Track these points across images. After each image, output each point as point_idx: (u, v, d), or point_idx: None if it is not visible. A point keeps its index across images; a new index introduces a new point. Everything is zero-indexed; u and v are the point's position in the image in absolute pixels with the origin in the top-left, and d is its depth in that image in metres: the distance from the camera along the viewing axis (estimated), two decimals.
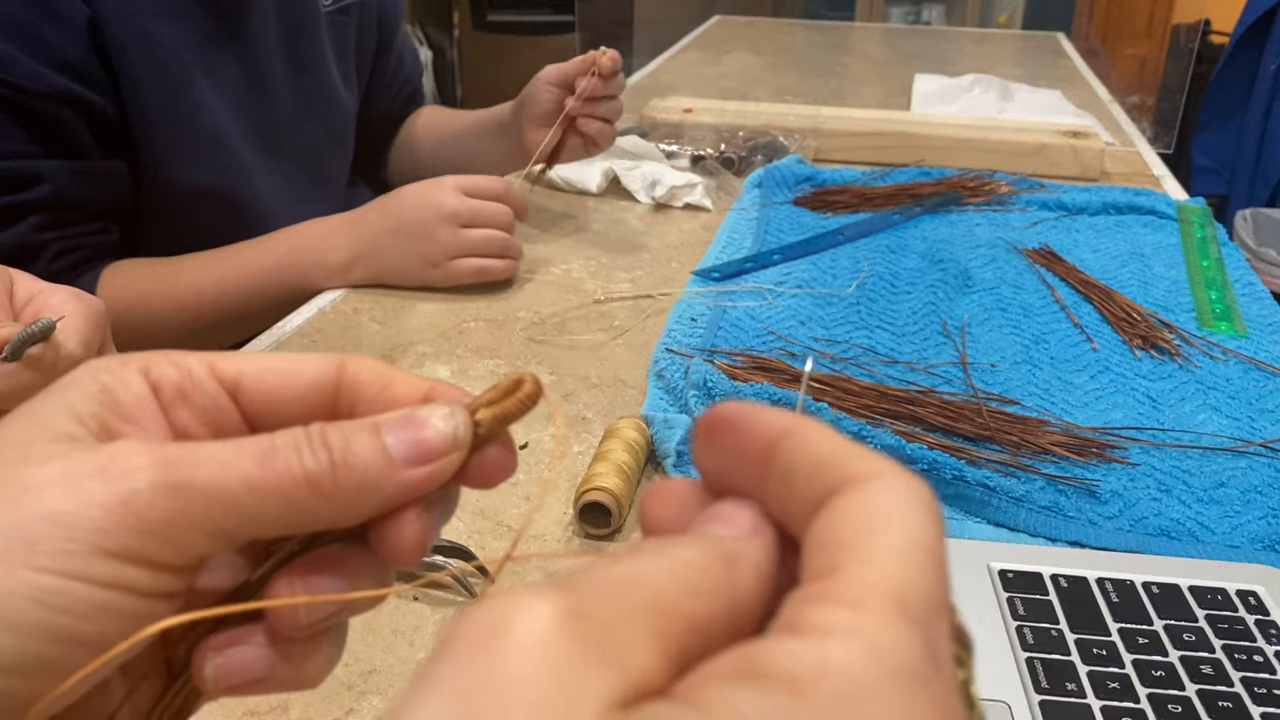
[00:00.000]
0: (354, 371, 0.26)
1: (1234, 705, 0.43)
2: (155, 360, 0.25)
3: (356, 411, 0.26)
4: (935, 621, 0.17)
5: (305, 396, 0.26)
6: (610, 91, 0.93)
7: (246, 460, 0.23)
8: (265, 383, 0.26)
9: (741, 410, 0.21)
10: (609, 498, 0.55)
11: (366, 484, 0.23)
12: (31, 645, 0.21)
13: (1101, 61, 1.97)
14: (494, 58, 3.33)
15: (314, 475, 0.23)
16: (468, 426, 0.25)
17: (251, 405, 0.26)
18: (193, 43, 0.84)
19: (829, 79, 1.78)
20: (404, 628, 0.49)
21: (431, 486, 0.24)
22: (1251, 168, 2.49)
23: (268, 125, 0.93)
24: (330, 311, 0.83)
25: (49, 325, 0.48)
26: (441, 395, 0.26)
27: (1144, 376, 0.72)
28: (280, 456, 0.23)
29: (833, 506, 0.19)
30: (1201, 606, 0.49)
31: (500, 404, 0.25)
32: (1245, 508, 0.58)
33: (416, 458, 0.24)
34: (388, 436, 0.24)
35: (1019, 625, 0.48)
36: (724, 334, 0.75)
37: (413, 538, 0.24)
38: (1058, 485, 0.59)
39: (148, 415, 0.24)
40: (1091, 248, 0.95)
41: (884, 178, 1.12)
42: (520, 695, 0.15)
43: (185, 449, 0.23)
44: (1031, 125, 1.25)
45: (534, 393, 0.25)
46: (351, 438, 0.23)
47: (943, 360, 0.74)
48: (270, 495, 0.22)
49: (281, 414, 0.26)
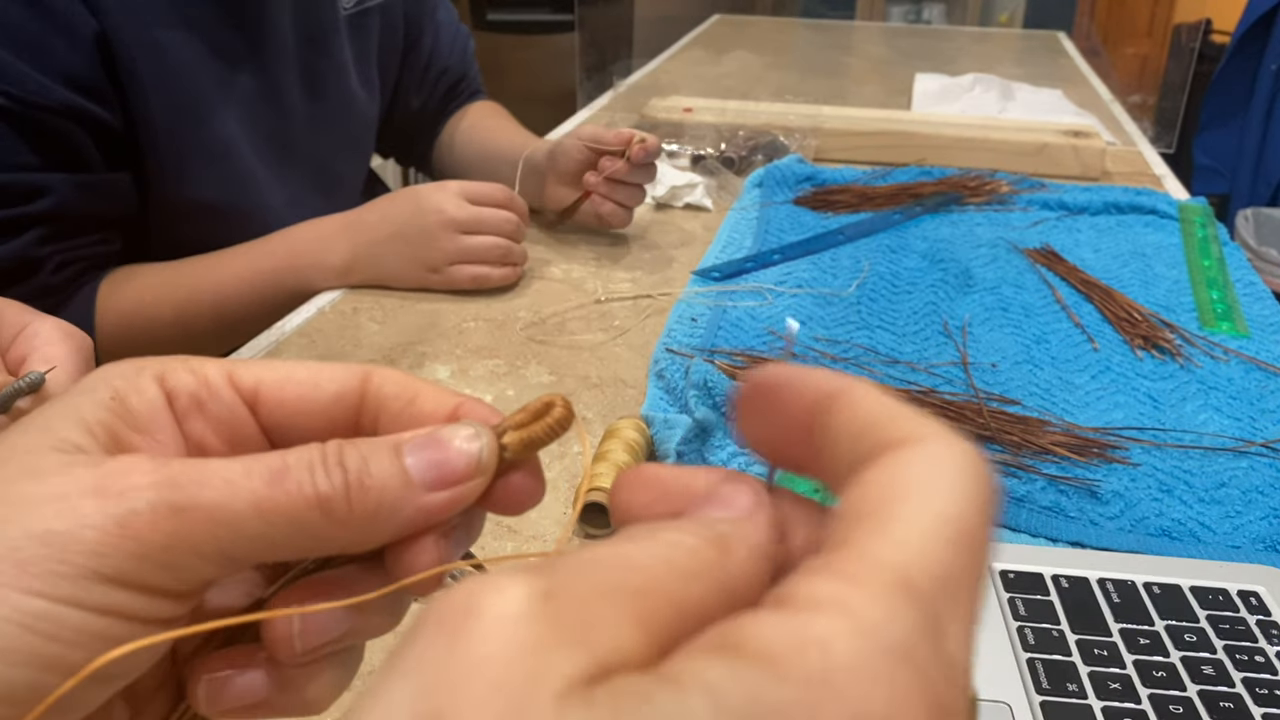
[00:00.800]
0: (379, 384, 0.25)
1: (1235, 706, 0.43)
2: (171, 367, 0.24)
3: (380, 426, 0.25)
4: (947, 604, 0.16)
5: (327, 409, 0.25)
6: (635, 179, 0.91)
7: (256, 480, 0.21)
8: (285, 393, 0.25)
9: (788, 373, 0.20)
10: (609, 498, 0.55)
11: (384, 508, 0.22)
12: (19, 673, 0.20)
13: (1103, 61, 1.96)
14: (494, 57, 3.33)
15: (327, 498, 0.22)
16: (493, 450, 0.24)
17: (271, 417, 0.25)
18: (206, 55, 0.83)
19: (829, 78, 1.78)
20: (404, 628, 0.49)
21: (452, 512, 0.23)
22: (1253, 167, 2.49)
23: (280, 136, 0.92)
24: (330, 311, 0.83)
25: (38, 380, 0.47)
26: (469, 413, 0.25)
27: (1145, 376, 0.72)
28: (292, 477, 0.21)
29: (865, 473, 0.18)
30: (1203, 607, 0.49)
31: (529, 427, 0.24)
32: (1247, 508, 0.58)
33: (438, 481, 0.23)
34: (409, 457, 0.23)
35: (1020, 626, 0.48)
36: (724, 334, 0.75)
37: (430, 565, 0.23)
38: (1059, 485, 0.59)
39: (161, 425, 0.23)
40: (1093, 247, 0.95)
41: (885, 177, 1.12)
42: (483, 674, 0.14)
43: (191, 467, 0.21)
44: (1032, 125, 1.25)
45: (565, 418, 0.24)
46: (370, 458, 0.22)
47: (944, 360, 0.73)
48: (279, 518, 0.21)
49: (302, 427, 0.25)
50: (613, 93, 1.58)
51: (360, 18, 0.99)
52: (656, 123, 1.26)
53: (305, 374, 0.25)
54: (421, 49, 1.11)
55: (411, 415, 0.25)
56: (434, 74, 1.13)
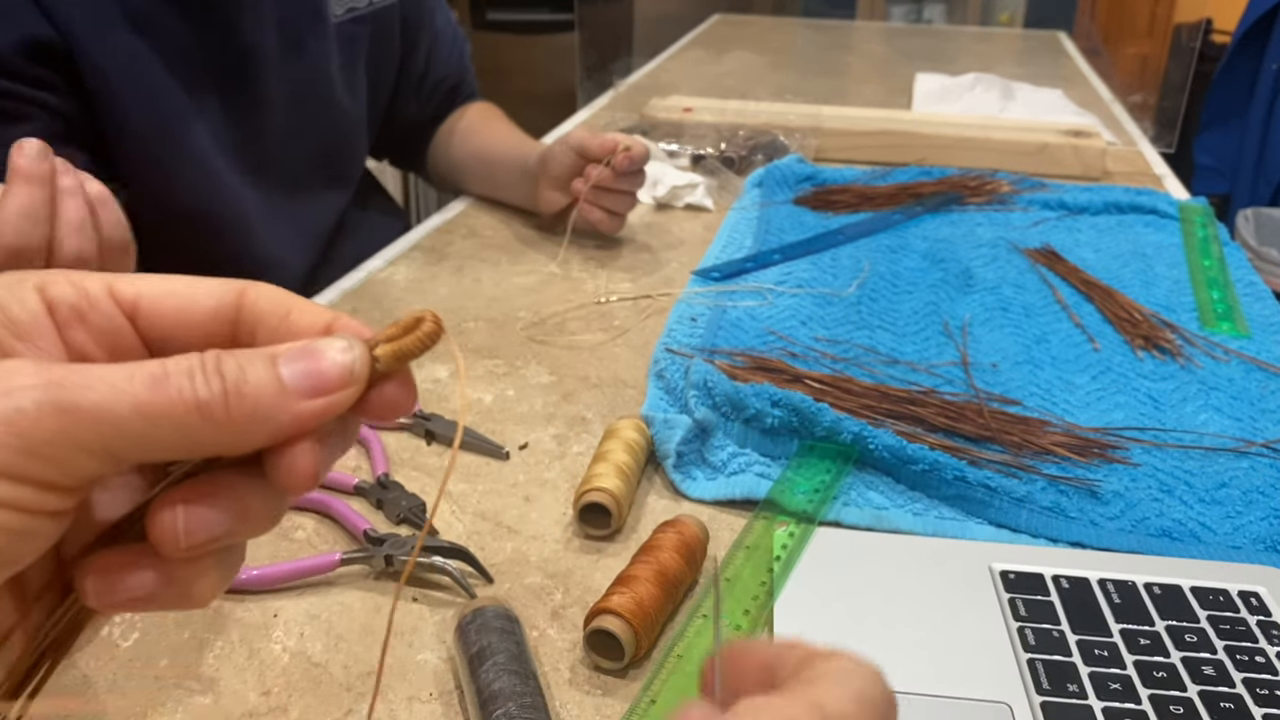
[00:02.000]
0: (254, 299, 0.26)
1: (1236, 706, 0.43)
2: (52, 279, 0.25)
3: (257, 340, 0.26)
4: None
5: (204, 323, 0.26)
6: (621, 186, 0.91)
7: (138, 384, 0.22)
8: (164, 306, 0.26)
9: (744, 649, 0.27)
10: (609, 498, 0.55)
11: (260, 413, 0.23)
12: None
13: (1103, 60, 1.96)
14: (494, 57, 3.33)
15: (206, 402, 0.23)
16: (365, 361, 0.25)
17: (150, 329, 0.26)
18: (178, 63, 0.81)
19: (830, 78, 1.78)
20: (403, 628, 0.49)
21: (326, 419, 0.24)
22: (1253, 167, 2.49)
23: (255, 141, 0.90)
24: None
25: None
26: (342, 328, 0.26)
27: (1146, 377, 0.72)
28: (173, 382, 0.23)
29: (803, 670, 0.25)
30: (1203, 607, 0.49)
31: (400, 340, 0.25)
32: (1247, 508, 0.58)
33: (312, 390, 0.24)
34: (284, 367, 0.24)
35: (1020, 626, 0.48)
36: (724, 334, 0.75)
37: (306, 468, 0.24)
38: (1059, 486, 0.59)
39: (42, 334, 0.24)
40: (1093, 247, 0.95)
41: (885, 177, 1.12)
42: None
43: (76, 370, 0.22)
44: (1033, 124, 1.25)
45: (434, 331, 0.26)
46: (246, 366, 0.23)
47: (944, 360, 0.73)
48: (161, 420, 0.22)
49: (180, 339, 0.26)
50: (612, 92, 1.58)
51: (350, 25, 0.98)
52: (656, 122, 1.26)
53: (183, 287, 0.26)
54: (419, 57, 1.10)
55: (287, 329, 0.26)
56: (431, 82, 1.12)
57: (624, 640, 0.46)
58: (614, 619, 0.46)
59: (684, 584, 0.50)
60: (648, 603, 0.47)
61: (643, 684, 0.45)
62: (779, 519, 0.55)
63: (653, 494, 0.60)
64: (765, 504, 0.56)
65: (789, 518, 0.55)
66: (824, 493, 0.57)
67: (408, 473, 0.61)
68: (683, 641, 0.47)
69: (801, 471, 0.59)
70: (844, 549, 0.53)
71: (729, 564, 0.52)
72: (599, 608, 0.47)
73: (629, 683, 0.46)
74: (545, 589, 0.52)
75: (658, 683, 0.44)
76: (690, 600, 0.51)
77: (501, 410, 0.68)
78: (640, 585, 0.47)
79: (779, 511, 0.56)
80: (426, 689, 0.46)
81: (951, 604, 0.49)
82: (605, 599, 0.47)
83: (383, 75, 1.06)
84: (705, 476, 0.60)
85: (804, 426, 0.61)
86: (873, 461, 0.60)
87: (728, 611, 0.49)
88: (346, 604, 0.51)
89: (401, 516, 0.57)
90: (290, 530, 0.57)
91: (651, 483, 0.61)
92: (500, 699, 0.42)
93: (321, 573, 0.52)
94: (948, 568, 0.52)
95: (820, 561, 0.52)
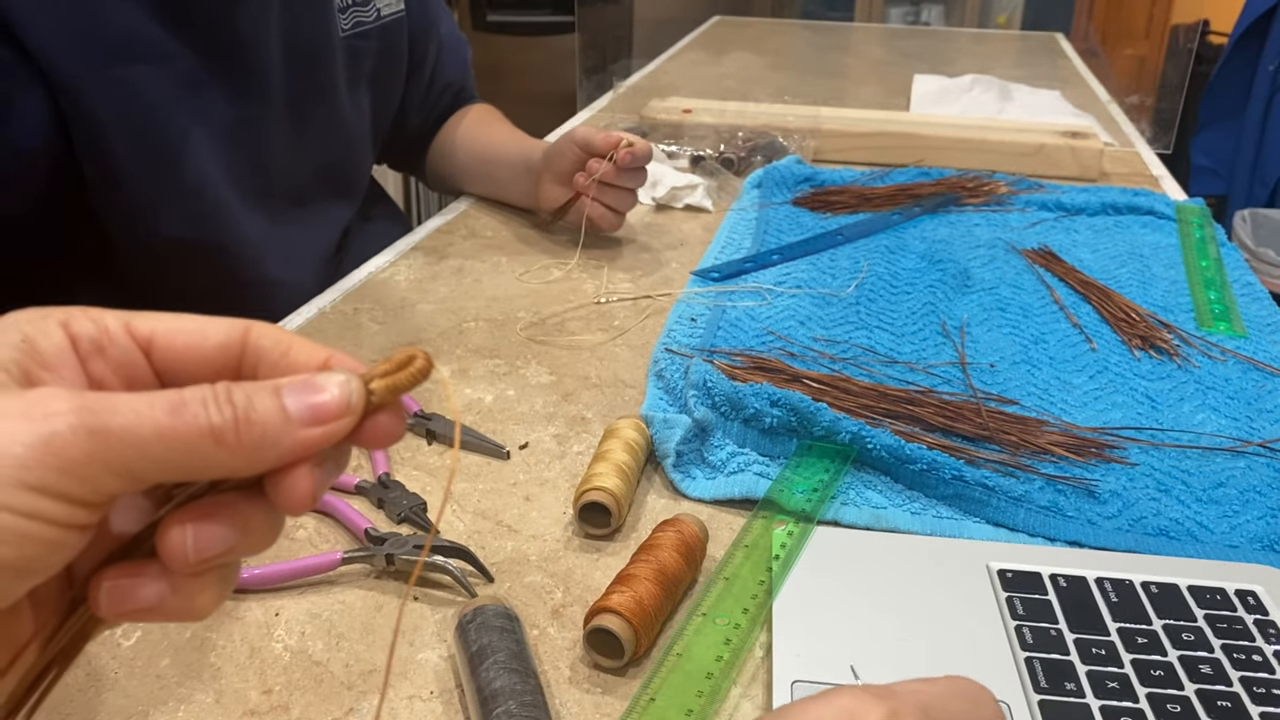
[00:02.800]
0: (257, 336, 0.29)
1: (1233, 705, 0.43)
2: (74, 315, 0.28)
3: (259, 374, 0.29)
4: None
5: (212, 357, 0.28)
6: (623, 182, 0.91)
7: (159, 411, 0.25)
8: (176, 342, 0.28)
9: None
10: (609, 498, 0.55)
11: (266, 439, 0.26)
12: None
13: (1100, 62, 1.97)
14: (494, 58, 3.33)
15: (219, 428, 0.25)
16: (361, 394, 0.27)
17: (163, 362, 0.28)
18: (177, 87, 0.78)
19: (828, 79, 1.78)
20: (404, 627, 0.50)
21: (325, 445, 0.27)
22: (1250, 168, 2.50)
23: (258, 163, 0.88)
24: (330, 312, 0.83)
25: None
26: (338, 364, 0.28)
27: (1143, 376, 0.72)
28: (190, 409, 0.25)
29: None
30: (1200, 606, 0.49)
31: (393, 376, 0.28)
32: (1244, 507, 0.58)
33: (313, 419, 0.26)
34: (288, 398, 0.26)
35: (1018, 625, 0.48)
36: (724, 334, 0.75)
37: (305, 490, 0.27)
38: (1057, 485, 0.59)
39: (66, 365, 0.27)
40: (1090, 248, 0.95)
41: (883, 178, 1.12)
42: None
43: (103, 398, 0.24)
44: (1030, 125, 1.25)
45: (425, 369, 0.28)
46: (254, 396, 0.26)
47: (942, 360, 0.74)
48: (179, 444, 0.25)
49: (190, 372, 0.28)
50: (612, 94, 1.59)
51: (357, 40, 0.96)
52: (656, 124, 1.26)
53: (193, 325, 0.29)
54: (425, 68, 1.09)
55: (287, 364, 0.29)
56: (436, 91, 1.11)
57: (624, 639, 0.46)
58: (614, 618, 0.46)
59: (683, 583, 0.51)
60: (647, 601, 0.47)
61: (642, 682, 0.45)
62: (778, 518, 0.55)
63: (652, 493, 0.60)
64: (764, 503, 0.57)
65: (788, 517, 0.55)
66: (822, 492, 0.57)
67: (409, 472, 0.62)
68: (682, 640, 0.47)
69: (800, 471, 0.59)
70: (842, 548, 0.53)
71: (728, 563, 0.52)
72: (599, 606, 0.47)
73: (629, 681, 0.47)
74: (545, 588, 0.52)
75: (657, 681, 0.45)
76: (689, 599, 0.51)
77: (502, 410, 0.68)
78: (640, 584, 0.48)
79: (778, 511, 0.56)
80: (427, 687, 0.46)
81: (949, 603, 0.49)
82: (605, 598, 0.47)
83: (390, 89, 1.05)
84: (704, 476, 0.61)
85: (802, 426, 0.61)
86: (871, 461, 0.60)
87: (728, 611, 0.49)
88: (348, 603, 0.51)
89: (402, 516, 0.57)
90: (292, 529, 0.57)
91: (651, 482, 0.61)
92: (500, 697, 0.42)
93: (323, 572, 0.52)
94: (946, 567, 0.52)
95: (819, 560, 0.52)
